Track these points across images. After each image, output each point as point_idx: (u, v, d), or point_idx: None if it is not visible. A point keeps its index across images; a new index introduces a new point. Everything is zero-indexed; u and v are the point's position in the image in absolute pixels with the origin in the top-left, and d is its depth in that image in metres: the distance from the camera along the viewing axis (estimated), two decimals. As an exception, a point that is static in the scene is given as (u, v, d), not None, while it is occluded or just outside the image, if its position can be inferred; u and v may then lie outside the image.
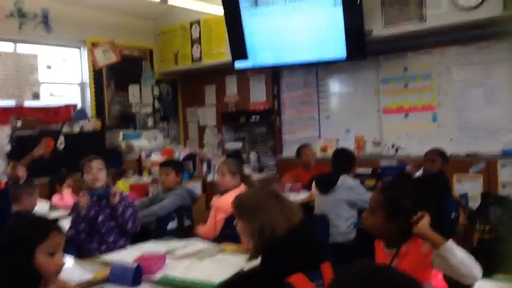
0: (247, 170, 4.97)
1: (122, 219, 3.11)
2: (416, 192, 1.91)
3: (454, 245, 1.69)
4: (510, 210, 3.16)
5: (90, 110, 6.19)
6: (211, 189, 5.21)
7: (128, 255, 2.62)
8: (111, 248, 3.01)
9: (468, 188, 4.84)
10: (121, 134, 6.27)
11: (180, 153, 5.71)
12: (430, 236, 1.73)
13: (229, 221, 3.09)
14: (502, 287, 1.81)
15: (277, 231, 1.89)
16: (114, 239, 3.12)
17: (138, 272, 2.27)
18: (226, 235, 3.12)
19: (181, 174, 3.97)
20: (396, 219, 1.84)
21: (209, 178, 5.66)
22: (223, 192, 3.44)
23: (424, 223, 1.75)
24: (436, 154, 4.28)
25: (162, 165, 4.03)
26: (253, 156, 6.47)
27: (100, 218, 3.12)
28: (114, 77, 6.45)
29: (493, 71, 4.89)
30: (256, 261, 2.00)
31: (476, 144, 4.95)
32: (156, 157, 5.70)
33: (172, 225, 3.59)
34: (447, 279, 1.92)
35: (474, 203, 4.44)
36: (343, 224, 3.67)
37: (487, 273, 1.84)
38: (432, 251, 1.75)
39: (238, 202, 2.06)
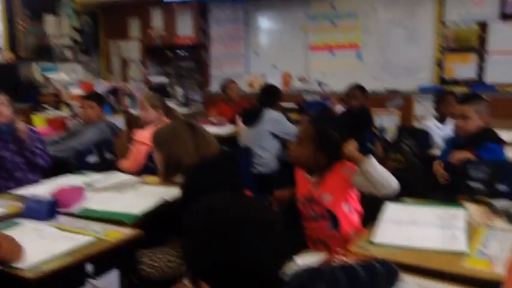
0: (173, 105, 4.87)
1: (30, 155, 3.00)
2: (342, 125, 2.06)
3: (375, 161, 1.89)
4: (422, 141, 3.37)
5: (1, 41, 5.77)
6: (134, 124, 5.09)
7: (43, 189, 2.52)
8: (20, 184, 2.86)
9: (386, 121, 5.10)
10: (37, 67, 5.90)
11: (102, 87, 5.47)
12: (357, 155, 1.92)
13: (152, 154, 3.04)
14: (410, 208, 1.98)
15: (185, 161, 1.93)
16: (22, 174, 3.02)
17: (53, 205, 2.20)
18: (149, 168, 3.07)
19: (102, 108, 3.83)
20: (325, 150, 1.98)
21: (133, 112, 5.50)
22: (144, 126, 3.37)
23: (351, 147, 1.94)
24: (357, 89, 4.42)
25: (83, 98, 3.88)
26: (179, 90, 6.35)
27: (5, 154, 2.98)
28: (28, 5, 6.02)
29: (416, 12, 5.02)
30: (178, 191, 2.01)
31: (396, 81, 5.16)
32: (75, 90, 5.44)
33: (92, 159, 3.47)
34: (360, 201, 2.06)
35: (391, 136, 4.71)
36: (266, 155, 3.79)
37: (398, 198, 2.00)
38: (353, 172, 1.93)
39: (154, 134, 2.11)
